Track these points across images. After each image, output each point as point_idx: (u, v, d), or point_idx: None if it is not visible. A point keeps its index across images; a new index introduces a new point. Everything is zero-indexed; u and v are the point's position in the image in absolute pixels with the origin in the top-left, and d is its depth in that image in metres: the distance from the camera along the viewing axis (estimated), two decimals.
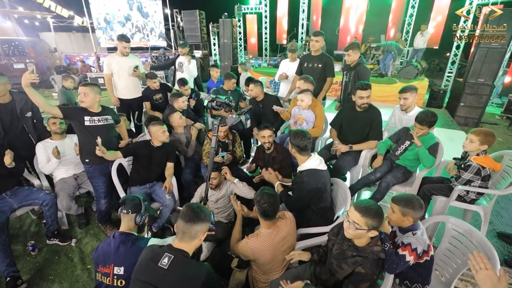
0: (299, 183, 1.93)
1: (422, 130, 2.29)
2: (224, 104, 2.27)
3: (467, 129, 5.73)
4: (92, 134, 2.32)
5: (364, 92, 2.51)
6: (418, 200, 1.45)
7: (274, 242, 1.67)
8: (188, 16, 10.00)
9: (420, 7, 9.05)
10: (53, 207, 2.49)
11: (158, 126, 2.53)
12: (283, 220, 1.78)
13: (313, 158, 1.96)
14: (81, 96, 2.28)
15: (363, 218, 1.29)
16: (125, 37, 3.51)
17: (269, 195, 1.66)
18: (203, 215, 1.35)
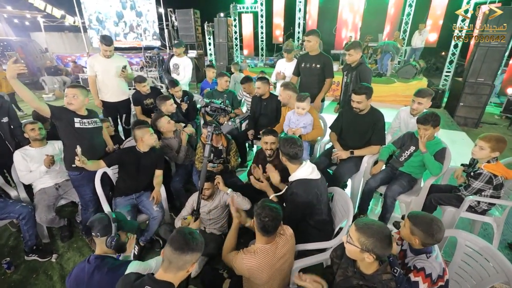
0: (290, 195, 1.78)
1: (427, 131, 2.13)
2: (220, 109, 2.08)
3: (468, 129, 5.63)
4: (83, 137, 2.19)
5: (355, 96, 2.36)
6: (436, 225, 1.27)
7: (272, 260, 1.51)
8: (182, 15, 9.78)
9: (418, 5, 8.95)
10: (31, 220, 2.30)
11: (144, 129, 2.34)
12: (282, 236, 1.61)
13: (304, 167, 1.81)
14: (69, 98, 2.12)
15: (357, 233, 1.15)
16: (106, 39, 3.25)
17: (271, 208, 1.49)
18: (195, 244, 1.17)
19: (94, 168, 2.24)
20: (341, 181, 2.46)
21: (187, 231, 1.21)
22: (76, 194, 2.50)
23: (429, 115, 2.13)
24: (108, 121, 2.96)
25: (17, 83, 1.87)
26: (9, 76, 1.81)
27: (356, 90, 2.37)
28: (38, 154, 2.48)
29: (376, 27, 9.91)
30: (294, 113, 2.71)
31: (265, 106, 3.22)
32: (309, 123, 2.71)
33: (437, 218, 1.31)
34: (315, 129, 2.73)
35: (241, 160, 3.58)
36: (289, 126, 2.78)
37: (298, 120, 2.73)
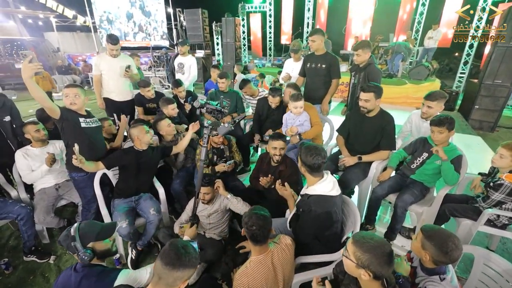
0: (306, 211, 1.61)
1: (442, 134, 1.97)
2: (216, 110, 2.00)
3: (483, 133, 5.38)
4: (89, 137, 2.22)
5: (363, 94, 2.23)
6: (452, 243, 1.14)
7: (267, 271, 1.42)
8: (190, 15, 9.77)
9: (431, 4, 8.67)
10: (29, 221, 2.28)
11: (139, 127, 2.26)
12: (277, 245, 1.52)
13: (325, 181, 1.62)
14: (72, 98, 2.09)
15: (353, 247, 1.07)
16: (112, 38, 3.22)
17: (258, 216, 1.42)
18: (187, 260, 1.08)
19: (92, 170, 2.19)
20: (348, 188, 2.33)
21: (181, 244, 1.12)
22: (76, 195, 2.47)
23: (444, 117, 1.99)
24: (109, 119, 2.90)
25: (32, 83, 1.81)
26: (27, 76, 1.74)
27: (365, 87, 2.24)
28: (39, 153, 2.46)
29: (387, 27, 9.66)
30: (289, 113, 2.63)
31: (273, 111, 3.13)
32: (305, 119, 2.63)
33: (455, 235, 1.19)
34: (314, 125, 2.62)
35: (244, 164, 3.49)
36: (287, 127, 2.70)
37: (293, 119, 2.64)
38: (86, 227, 1.34)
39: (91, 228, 1.35)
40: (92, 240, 1.33)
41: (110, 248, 1.41)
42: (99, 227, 1.39)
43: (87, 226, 1.35)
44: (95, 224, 1.39)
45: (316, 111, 2.82)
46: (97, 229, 1.37)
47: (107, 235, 1.40)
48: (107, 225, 1.45)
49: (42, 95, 1.89)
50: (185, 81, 4.05)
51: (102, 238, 1.36)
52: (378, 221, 2.58)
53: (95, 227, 1.37)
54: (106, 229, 1.42)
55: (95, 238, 1.34)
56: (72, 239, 1.28)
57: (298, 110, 2.57)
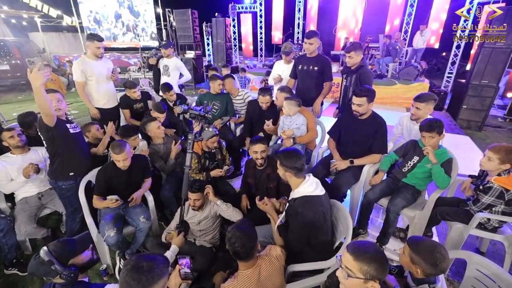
0: (294, 215, 1.60)
1: (433, 139, 1.98)
2: (199, 116, 1.94)
3: (471, 133, 5.48)
4: (78, 143, 2.21)
5: (356, 98, 2.22)
6: (439, 253, 1.13)
7: (255, 285, 1.38)
8: (180, 16, 9.63)
9: (420, 6, 8.81)
10: (10, 233, 2.17)
11: (122, 154, 2.07)
12: (265, 258, 1.49)
13: (308, 182, 1.63)
14: (55, 103, 2.02)
15: (356, 263, 1.02)
16: (96, 35, 3.03)
17: (242, 233, 1.37)
18: (151, 277, 1.01)
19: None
20: (340, 193, 2.30)
21: (142, 262, 1.03)
22: (60, 203, 2.36)
23: (433, 121, 1.99)
24: (94, 124, 2.77)
25: (43, 92, 1.75)
26: (38, 84, 1.69)
27: (357, 92, 2.22)
28: (20, 161, 2.35)
29: (377, 28, 9.77)
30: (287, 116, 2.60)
31: (264, 113, 3.07)
32: (302, 123, 2.60)
33: (440, 245, 1.17)
34: (309, 131, 2.59)
35: (235, 167, 3.44)
36: (282, 129, 2.67)
37: (290, 122, 2.61)
38: (59, 247, 1.25)
39: (65, 245, 1.27)
40: (72, 257, 1.26)
41: (91, 257, 1.35)
42: (73, 242, 1.31)
43: (59, 246, 1.26)
44: (67, 241, 1.31)
45: (312, 115, 2.78)
46: (71, 244, 1.30)
47: (85, 246, 1.33)
48: (81, 237, 1.37)
49: (48, 104, 1.83)
50: (172, 83, 3.96)
51: (81, 252, 1.30)
52: (370, 225, 2.57)
53: (68, 244, 1.29)
54: (82, 241, 1.35)
55: (74, 254, 1.27)
56: (49, 263, 1.19)
57: (286, 111, 2.57)
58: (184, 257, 1.48)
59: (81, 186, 2.21)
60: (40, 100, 1.78)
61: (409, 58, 8.52)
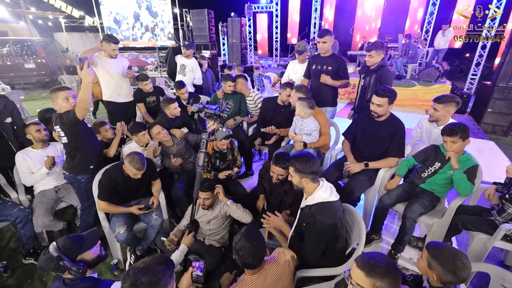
0: (311, 224, 1.52)
1: (455, 144, 1.87)
2: (214, 115, 1.92)
3: (496, 137, 5.19)
4: (94, 136, 2.35)
5: (377, 98, 2.12)
6: (460, 262, 1.06)
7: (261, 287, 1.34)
8: (196, 16, 9.77)
9: (442, 5, 8.45)
10: (28, 224, 2.25)
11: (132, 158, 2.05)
12: (274, 263, 1.43)
13: (323, 188, 1.56)
14: (71, 100, 2.05)
15: (369, 279, 0.96)
16: (113, 37, 3.14)
17: (251, 243, 1.30)
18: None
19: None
20: (353, 196, 2.22)
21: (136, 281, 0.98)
22: (75, 197, 2.43)
23: (456, 125, 1.88)
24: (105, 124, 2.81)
25: (90, 87, 1.95)
26: (89, 80, 1.92)
27: (379, 91, 2.12)
28: (40, 155, 2.44)
29: (396, 27, 9.47)
30: (300, 118, 2.55)
31: (280, 112, 3.03)
32: (313, 129, 2.51)
33: (462, 253, 1.10)
34: (322, 135, 2.52)
35: (246, 168, 3.42)
36: (294, 130, 2.61)
37: (302, 126, 2.54)
38: (68, 242, 1.27)
39: (74, 241, 1.29)
40: (80, 252, 1.27)
41: (99, 254, 1.36)
42: (82, 238, 1.33)
43: (68, 241, 1.27)
44: (76, 237, 1.33)
45: (326, 118, 2.68)
46: (80, 240, 1.31)
47: (93, 242, 1.35)
48: (89, 233, 1.39)
49: (90, 99, 2.00)
50: (187, 83, 4.00)
51: (89, 248, 1.31)
52: (385, 231, 2.47)
53: (77, 239, 1.31)
54: (90, 237, 1.36)
55: (83, 249, 1.29)
56: (58, 259, 1.20)
57: (298, 111, 2.50)
58: (198, 260, 1.47)
59: (95, 181, 2.25)
60: (86, 95, 1.93)
61: (430, 59, 8.19)
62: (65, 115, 2.00)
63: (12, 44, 9.93)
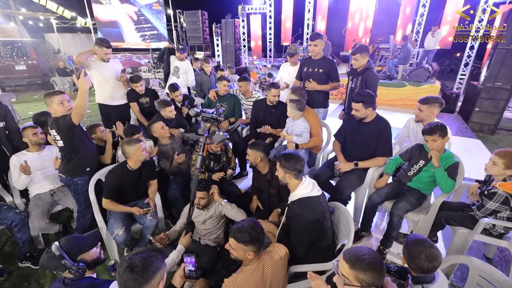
0: (293, 218, 1.63)
1: (436, 142, 1.96)
2: (211, 119, 1.97)
3: (483, 136, 5.35)
4: (89, 139, 2.37)
5: (353, 103, 2.24)
6: (423, 252, 1.18)
7: (257, 281, 1.41)
8: (190, 17, 9.80)
9: (432, 6, 8.64)
10: (24, 227, 2.27)
11: (136, 145, 2.15)
12: (270, 254, 1.52)
13: (304, 184, 1.67)
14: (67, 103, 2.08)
15: (352, 271, 1.03)
16: (105, 41, 3.16)
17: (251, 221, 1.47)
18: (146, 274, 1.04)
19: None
20: (343, 195, 2.31)
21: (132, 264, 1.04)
22: (71, 200, 2.45)
23: (434, 124, 1.98)
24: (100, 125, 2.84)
25: (87, 95, 2.01)
26: (87, 88, 1.97)
27: (354, 97, 2.25)
28: (35, 158, 2.45)
29: (388, 28, 9.63)
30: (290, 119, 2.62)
31: (271, 113, 3.09)
32: (303, 130, 2.57)
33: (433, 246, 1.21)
34: (313, 137, 2.59)
35: (241, 168, 3.48)
36: (287, 131, 2.68)
37: (293, 126, 2.61)
38: (70, 242, 1.31)
39: (75, 241, 1.34)
40: (81, 252, 1.32)
41: (99, 256, 1.40)
42: (83, 238, 1.38)
43: (70, 241, 1.32)
44: (78, 237, 1.38)
45: (317, 120, 2.74)
46: (81, 241, 1.36)
47: (94, 243, 1.39)
48: (90, 234, 1.43)
49: (87, 106, 2.05)
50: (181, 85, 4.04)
51: (89, 248, 1.36)
52: (375, 228, 2.56)
53: (79, 239, 1.36)
54: (91, 238, 1.41)
55: (84, 249, 1.33)
56: (59, 258, 1.24)
57: (288, 113, 2.58)
58: (190, 256, 1.52)
59: (91, 183, 2.28)
60: (83, 102, 1.98)
61: (420, 59, 8.37)
62: (61, 120, 2.02)
63: (2, 45, 9.78)
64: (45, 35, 14.17)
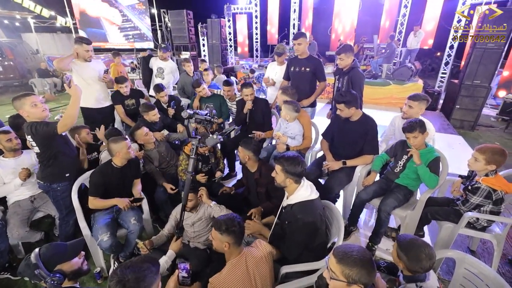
0: (293, 222, 1.58)
1: (417, 138, 2.01)
2: (205, 121, 1.92)
3: (464, 132, 5.55)
4: (69, 143, 2.29)
5: (337, 104, 2.27)
6: (423, 253, 1.17)
7: (242, 274, 1.41)
8: (175, 16, 9.63)
9: (413, 7, 8.89)
10: (2, 236, 2.15)
11: (121, 143, 2.13)
12: (252, 248, 1.53)
13: (303, 187, 1.63)
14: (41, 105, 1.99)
15: (339, 266, 1.04)
16: (84, 38, 3.00)
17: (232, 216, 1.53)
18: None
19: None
20: (332, 193, 2.32)
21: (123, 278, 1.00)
22: (52, 206, 2.35)
23: (413, 121, 2.03)
24: (86, 127, 2.74)
25: (79, 103, 1.98)
26: (78, 95, 1.94)
27: (336, 97, 2.28)
28: (13, 164, 2.34)
29: (372, 28, 9.84)
30: (284, 120, 2.60)
31: (253, 111, 3.07)
32: (298, 133, 2.57)
33: (427, 245, 1.21)
34: (305, 139, 2.60)
35: (230, 169, 3.45)
36: (279, 130, 2.67)
37: (287, 128, 2.60)
38: (49, 250, 1.25)
39: (56, 250, 1.27)
40: (59, 263, 1.25)
41: (80, 267, 1.33)
42: (64, 247, 1.31)
43: (50, 249, 1.25)
44: (59, 245, 1.31)
45: (309, 121, 2.75)
46: (62, 249, 1.29)
47: (76, 253, 1.32)
48: (73, 243, 1.36)
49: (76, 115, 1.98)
50: (166, 86, 3.98)
51: (70, 258, 1.28)
52: (364, 225, 2.60)
53: (60, 248, 1.29)
54: (74, 247, 1.34)
55: (63, 260, 1.26)
56: (34, 267, 1.18)
57: (283, 114, 2.55)
58: (184, 262, 1.49)
59: (74, 188, 2.19)
60: (75, 111, 1.95)
61: (403, 59, 8.60)
62: (41, 127, 1.93)
63: None
64: (22, 35, 13.54)
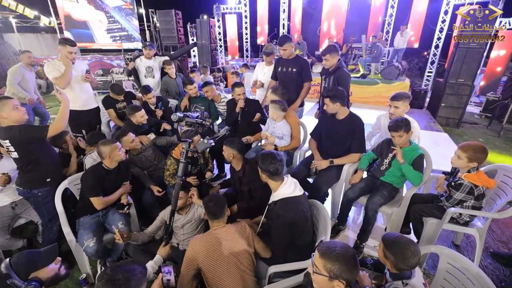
0: (275, 218, 1.62)
1: (402, 137, 2.05)
2: (196, 123, 1.89)
3: (449, 129, 5.69)
4: (50, 147, 2.26)
5: (324, 99, 2.31)
6: (409, 251, 1.18)
7: (219, 240, 1.56)
8: (163, 16, 9.51)
9: (400, 7, 9.06)
10: None
11: (112, 145, 2.10)
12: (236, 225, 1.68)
13: (286, 184, 1.67)
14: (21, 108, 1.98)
15: (322, 260, 1.06)
16: (69, 40, 2.89)
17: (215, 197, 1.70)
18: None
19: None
20: (321, 192, 2.34)
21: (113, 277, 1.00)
22: (35, 212, 2.27)
23: (399, 120, 2.06)
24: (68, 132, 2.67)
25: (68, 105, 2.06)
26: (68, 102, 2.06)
27: (323, 92, 2.30)
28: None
29: (360, 28, 9.97)
30: (273, 120, 2.61)
31: (244, 111, 3.06)
32: (286, 133, 2.58)
33: (412, 242, 1.23)
34: (293, 139, 2.61)
35: (219, 170, 3.43)
36: (267, 130, 2.67)
37: (274, 128, 2.61)
38: (21, 258, 1.21)
39: (28, 258, 1.23)
40: (34, 270, 1.21)
41: (57, 272, 1.29)
42: (38, 254, 1.27)
43: (22, 258, 1.22)
44: (32, 253, 1.27)
45: (297, 121, 2.75)
46: (36, 256, 1.25)
47: (49, 259, 1.28)
48: (48, 249, 1.32)
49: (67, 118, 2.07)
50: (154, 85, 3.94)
51: (45, 265, 1.25)
52: (352, 223, 2.63)
53: (32, 256, 1.25)
54: (48, 254, 1.30)
55: (39, 266, 1.22)
56: (6, 276, 1.13)
57: (271, 114, 2.55)
58: (167, 265, 1.47)
59: (58, 193, 2.13)
60: (66, 116, 2.03)
61: (391, 58, 8.75)
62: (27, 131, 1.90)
63: None
64: (4, 35, 13.12)
